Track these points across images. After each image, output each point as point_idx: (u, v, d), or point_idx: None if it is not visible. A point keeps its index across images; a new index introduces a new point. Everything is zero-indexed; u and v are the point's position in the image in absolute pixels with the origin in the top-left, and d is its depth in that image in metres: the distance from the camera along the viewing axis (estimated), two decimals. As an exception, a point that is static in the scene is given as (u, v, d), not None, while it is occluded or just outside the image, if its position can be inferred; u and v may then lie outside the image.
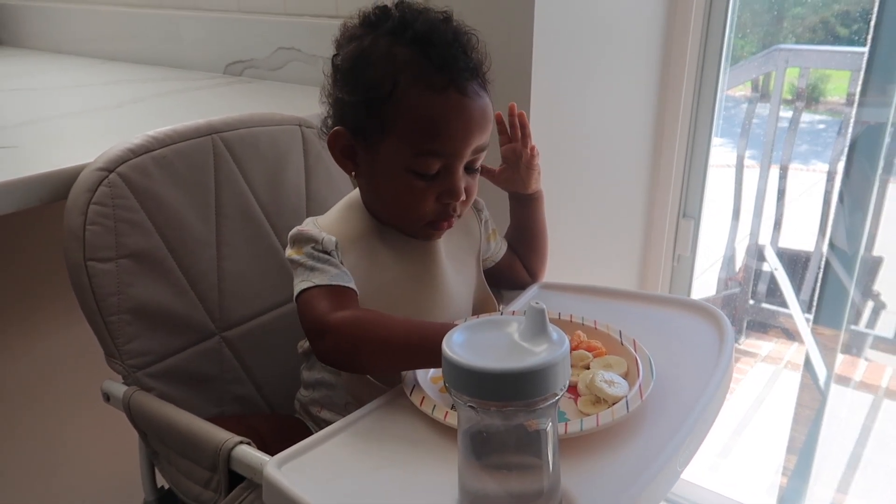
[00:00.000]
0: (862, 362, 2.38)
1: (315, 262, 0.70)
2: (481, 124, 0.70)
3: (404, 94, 0.68)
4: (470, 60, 0.70)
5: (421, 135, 0.68)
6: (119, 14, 1.52)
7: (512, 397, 0.45)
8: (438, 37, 0.69)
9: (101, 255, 0.72)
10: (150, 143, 0.78)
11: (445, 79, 0.68)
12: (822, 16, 2.74)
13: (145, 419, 0.71)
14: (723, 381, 0.66)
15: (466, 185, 0.73)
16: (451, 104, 0.68)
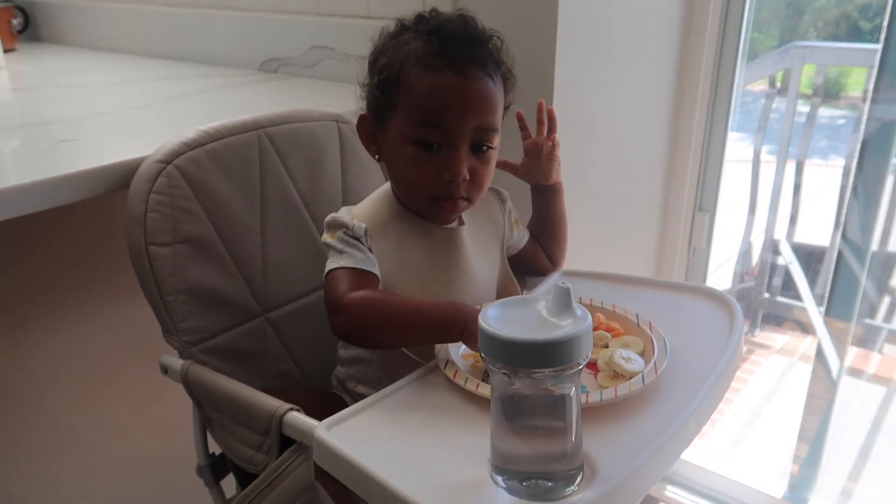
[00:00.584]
0: (875, 355, 2.41)
1: (344, 247, 0.77)
2: (479, 104, 0.75)
3: (408, 74, 0.75)
4: (477, 50, 0.76)
5: (420, 108, 0.75)
6: (157, 13, 1.59)
7: (541, 364, 0.51)
8: (447, 29, 0.76)
9: (160, 239, 0.79)
10: (203, 137, 0.84)
11: (445, 61, 0.74)
12: (843, 9, 2.75)
13: (201, 389, 0.78)
14: (732, 360, 0.72)
15: (473, 167, 0.77)
16: (447, 82, 0.74)
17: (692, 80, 1.40)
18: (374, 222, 0.80)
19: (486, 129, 0.77)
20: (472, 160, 0.77)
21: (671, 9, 1.30)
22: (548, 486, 0.56)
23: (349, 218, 0.79)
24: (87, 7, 1.75)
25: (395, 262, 0.79)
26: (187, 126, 0.86)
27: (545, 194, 0.93)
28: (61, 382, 1.10)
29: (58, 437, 1.11)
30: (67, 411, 1.11)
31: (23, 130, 0.98)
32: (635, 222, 1.42)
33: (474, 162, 0.77)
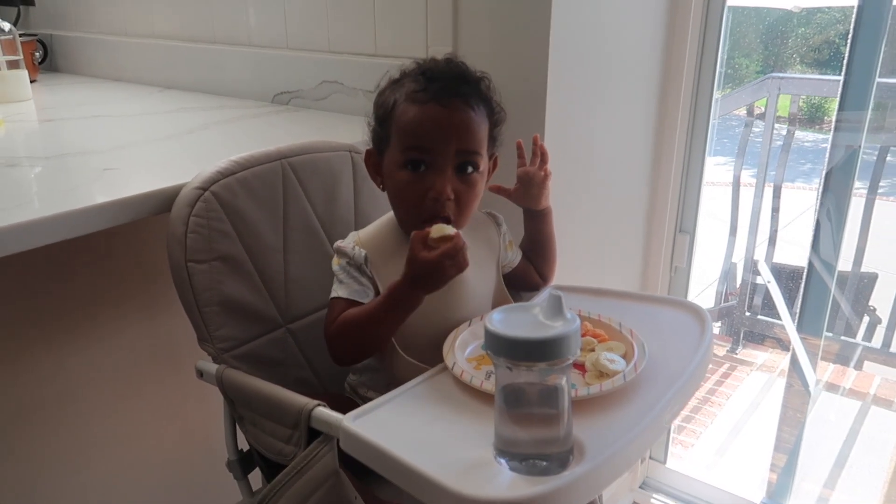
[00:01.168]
0: (851, 371, 2.53)
1: (344, 276, 0.90)
2: (460, 130, 0.86)
3: (398, 108, 0.88)
4: (460, 86, 0.87)
5: (407, 135, 0.87)
6: (172, 47, 1.70)
7: (537, 359, 0.62)
8: (434, 69, 0.90)
9: (198, 257, 0.89)
10: (234, 166, 0.95)
11: (429, 95, 0.86)
12: (825, 36, 2.90)
13: (235, 389, 0.88)
14: (702, 362, 0.82)
15: (457, 188, 0.86)
16: (430, 112, 0.85)
17: (672, 108, 1.52)
18: (377, 246, 0.91)
19: (468, 152, 0.87)
20: (457, 182, 0.87)
21: (653, 42, 1.42)
22: (543, 465, 0.66)
23: (351, 247, 0.91)
24: (105, 40, 1.86)
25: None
26: (212, 155, 0.97)
27: (536, 217, 1.04)
28: (91, 391, 1.19)
29: (87, 443, 1.20)
30: (97, 418, 1.20)
31: (66, 160, 1.08)
32: (621, 242, 1.54)
33: (458, 184, 0.87)
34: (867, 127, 1.55)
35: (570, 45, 1.19)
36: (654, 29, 1.41)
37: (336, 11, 1.39)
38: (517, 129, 1.20)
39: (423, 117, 0.86)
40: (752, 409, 2.52)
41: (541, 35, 1.15)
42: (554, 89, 1.18)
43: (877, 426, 2.34)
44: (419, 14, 1.26)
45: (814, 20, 3.20)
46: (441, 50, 1.25)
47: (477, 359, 0.85)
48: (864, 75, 1.50)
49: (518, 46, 1.18)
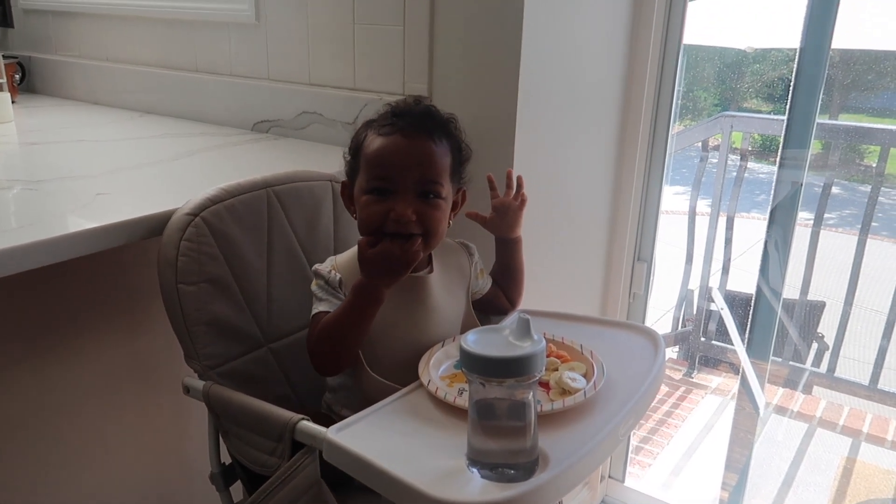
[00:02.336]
0: (798, 394, 2.65)
1: (323, 294, 0.96)
2: (421, 160, 0.92)
3: (367, 140, 0.95)
4: (424, 121, 0.95)
5: (372, 164, 0.94)
6: (155, 74, 1.75)
7: (508, 375, 0.69)
8: (404, 107, 0.98)
9: (189, 279, 0.94)
10: (223, 194, 1.01)
11: (393, 128, 0.94)
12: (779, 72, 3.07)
13: (221, 404, 0.92)
14: (655, 380, 0.90)
15: (420, 210, 0.91)
16: (393, 143, 0.92)
17: (631, 141, 1.61)
18: (350, 270, 0.97)
19: (429, 180, 0.93)
20: (419, 204, 0.92)
21: (613, 79, 1.51)
22: (511, 472, 0.73)
23: (327, 270, 0.97)
24: (86, 64, 1.90)
25: None
26: (199, 181, 1.03)
27: (508, 246, 1.12)
28: (73, 409, 1.22)
29: (69, 459, 1.22)
30: (78, 435, 1.23)
31: (58, 183, 1.13)
32: (583, 270, 1.62)
33: (421, 205, 0.92)
34: (809, 164, 1.67)
35: (538, 82, 1.28)
36: (614, 67, 1.51)
37: (317, 46, 1.46)
38: (488, 161, 1.28)
39: (387, 148, 0.92)
40: (706, 431, 2.62)
41: (510, 75, 1.23)
42: (522, 124, 1.26)
43: (822, 447, 2.45)
44: (397, 51, 1.34)
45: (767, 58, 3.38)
46: (417, 87, 1.33)
47: (450, 377, 0.92)
48: (805, 116, 1.63)
49: (489, 84, 1.26)
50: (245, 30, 1.57)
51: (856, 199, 3.80)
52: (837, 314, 2.65)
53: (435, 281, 1.02)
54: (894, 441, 2.48)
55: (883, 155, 2.39)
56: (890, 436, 2.50)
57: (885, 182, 2.49)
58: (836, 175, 2.56)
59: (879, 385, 2.56)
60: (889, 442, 2.48)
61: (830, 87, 1.63)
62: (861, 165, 3.15)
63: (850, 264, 2.49)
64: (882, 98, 2.79)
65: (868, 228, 2.44)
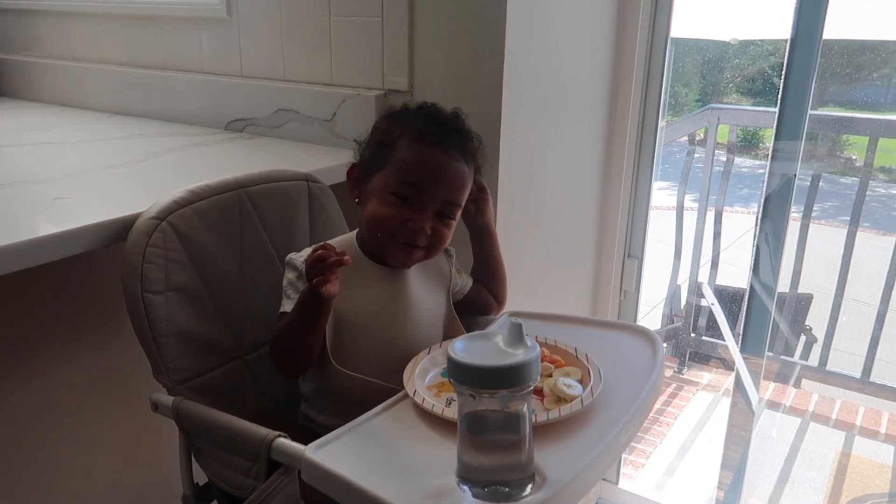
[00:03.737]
0: (791, 389, 2.62)
1: (291, 291, 0.92)
2: (453, 180, 0.92)
3: (404, 141, 0.92)
4: (462, 140, 0.93)
5: (406, 169, 0.91)
6: (124, 73, 1.68)
7: (500, 386, 0.63)
8: (442, 117, 0.96)
9: (155, 288, 0.88)
10: (191, 196, 0.94)
11: (435, 138, 0.92)
12: (759, 67, 3.05)
13: (192, 422, 0.86)
14: (655, 385, 0.85)
15: (435, 227, 0.92)
16: (432, 155, 0.91)
17: (619, 136, 1.57)
18: None
19: (453, 203, 0.93)
20: (436, 222, 0.92)
21: (601, 72, 1.47)
22: (505, 491, 0.67)
23: (301, 260, 0.92)
24: (52, 65, 1.82)
25: (346, 298, 0.91)
26: (167, 183, 0.97)
27: (484, 240, 1.08)
28: (40, 425, 1.15)
29: (38, 478, 1.16)
30: (46, 452, 1.16)
31: (15, 188, 1.06)
32: (573, 268, 1.57)
33: (437, 224, 0.92)
34: (801, 156, 1.63)
35: (523, 76, 1.23)
36: (601, 60, 1.46)
37: (291, 41, 1.40)
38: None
39: (426, 159, 0.91)
40: (698, 429, 2.58)
41: (494, 67, 1.18)
42: (508, 119, 1.21)
43: (816, 442, 2.42)
44: (375, 45, 1.28)
45: (748, 52, 3.35)
46: (397, 81, 1.27)
47: (437, 386, 0.86)
48: (798, 107, 1.59)
49: (472, 78, 1.21)
50: (216, 25, 1.50)
51: (836, 191, 3.80)
52: (825, 307, 2.63)
53: (413, 275, 0.99)
54: (888, 434, 2.45)
55: (871, 145, 2.36)
56: (883, 429, 2.48)
57: (874, 174, 2.47)
58: (822, 167, 2.54)
59: (871, 377, 2.53)
60: (882, 435, 2.46)
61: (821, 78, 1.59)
62: (841, 157, 3.13)
63: (835, 256, 2.46)
64: (861, 91, 2.77)
65: (858, 220, 2.42)
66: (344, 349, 0.92)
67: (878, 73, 2.68)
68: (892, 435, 2.44)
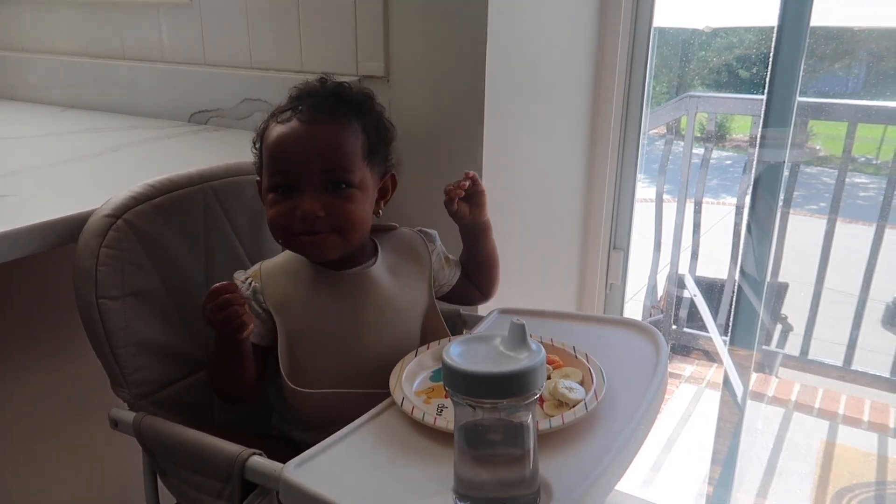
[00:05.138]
0: (773, 379, 2.61)
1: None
2: (322, 146, 0.82)
3: (267, 130, 0.85)
4: (327, 100, 0.84)
5: (270, 159, 0.84)
6: (78, 63, 1.58)
7: (502, 395, 0.57)
8: (307, 89, 0.87)
9: (110, 293, 0.80)
10: (150, 191, 0.86)
11: (291, 113, 0.84)
12: (724, 59, 3.03)
13: (156, 440, 0.78)
14: (661, 384, 0.79)
15: (330, 203, 0.81)
16: (290, 131, 0.82)
17: (604, 127, 1.52)
18: (280, 277, 0.86)
19: (334, 169, 0.82)
20: (329, 199, 0.82)
21: (584, 61, 1.42)
22: (509, 509, 0.61)
23: (242, 279, 0.86)
24: (1, 57, 1.71)
25: (300, 310, 0.85)
26: (124, 179, 0.89)
27: (478, 232, 0.98)
28: (3, 440, 1.06)
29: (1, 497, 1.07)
30: (10, 469, 1.08)
31: (-47, 186, 0.96)
32: (558, 261, 1.52)
33: (331, 199, 0.82)
34: (790, 143, 1.59)
35: (507, 63, 1.16)
36: (584, 48, 1.41)
37: (257, 25, 1.32)
38: (454, 148, 1.17)
39: (284, 138, 0.82)
40: (683, 422, 2.55)
41: (476, 53, 1.11)
42: (491, 107, 1.14)
43: (801, 432, 2.41)
44: (348, 28, 1.20)
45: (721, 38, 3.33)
46: (372, 66, 1.20)
47: (426, 391, 0.79)
48: (786, 94, 1.55)
49: (453, 64, 1.14)
50: (176, 9, 1.41)
51: (802, 180, 3.82)
52: (801, 295, 2.62)
53: (379, 274, 0.89)
54: (871, 422, 2.45)
55: (850, 132, 2.34)
56: (866, 416, 2.47)
57: (852, 162, 2.45)
58: (794, 156, 2.52)
59: (853, 365, 2.53)
60: (866, 423, 2.45)
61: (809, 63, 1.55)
62: (807, 148, 3.13)
63: (811, 245, 2.45)
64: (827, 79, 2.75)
65: (837, 209, 2.40)
66: (300, 366, 0.84)
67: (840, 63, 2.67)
68: (875, 423, 2.44)
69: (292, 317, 0.84)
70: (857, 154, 2.53)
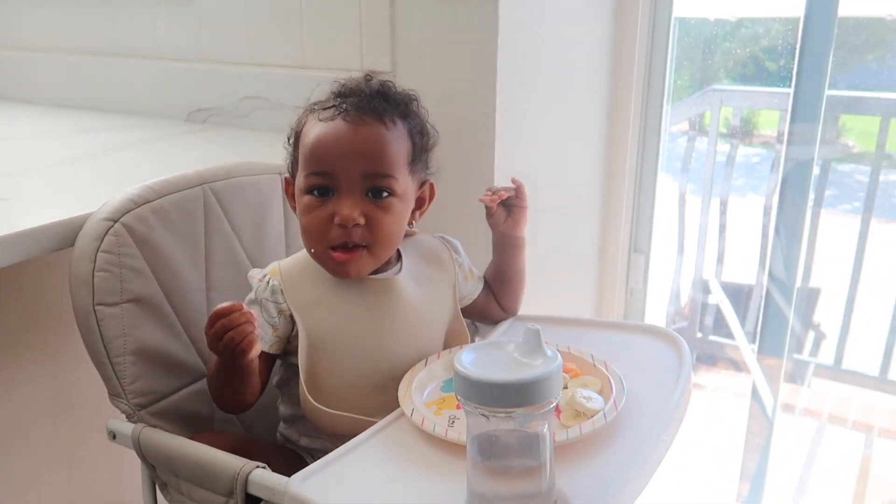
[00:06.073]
0: (805, 390, 2.60)
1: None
2: (368, 151, 0.81)
3: (306, 126, 0.85)
4: (372, 101, 0.83)
5: (310, 157, 0.82)
6: (70, 62, 1.61)
7: (518, 404, 0.58)
8: (350, 86, 0.86)
9: (108, 299, 0.82)
10: (148, 193, 0.88)
11: (335, 111, 0.83)
12: (750, 51, 3.03)
13: (156, 453, 0.80)
14: (685, 392, 0.80)
15: (369, 212, 0.81)
16: (334, 130, 0.81)
17: (622, 123, 1.53)
18: (299, 277, 0.86)
19: (378, 174, 0.82)
20: (369, 206, 0.82)
21: (600, 53, 1.43)
22: (524, 523, 0.62)
23: (260, 277, 0.86)
24: (-10, 55, 1.74)
25: (323, 316, 0.85)
26: (121, 181, 0.91)
27: (510, 246, 0.99)
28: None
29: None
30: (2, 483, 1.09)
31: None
32: (575, 264, 1.53)
33: (371, 207, 0.82)
34: (819, 139, 1.59)
35: (519, 56, 1.17)
36: (601, 40, 1.42)
37: (257, 19, 1.34)
38: (466, 147, 1.18)
39: (327, 137, 0.82)
40: (710, 436, 2.54)
41: (487, 47, 1.12)
42: (503, 104, 1.16)
43: (834, 447, 2.40)
44: (352, 22, 1.22)
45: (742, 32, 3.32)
46: (378, 62, 1.21)
47: (437, 402, 0.80)
48: (814, 87, 1.55)
49: (463, 58, 1.15)
50: (172, 4, 1.44)
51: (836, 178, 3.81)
52: (834, 301, 2.60)
53: (405, 283, 0.89)
54: (910, 435, 2.43)
55: (884, 126, 2.34)
56: (905, 429, 2.46)
57: (887, 159, 2.45)
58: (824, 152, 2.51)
59: (890, 376, 2.51)
60: (904, 436, 2.43)
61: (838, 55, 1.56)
62: (838, 144, 3.11)
63: (844, 247, 2.43)
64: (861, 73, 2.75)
65: (872, 208, 2.39)
66: (320, 378, 0.84)
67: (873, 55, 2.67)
68: (914, 436, 2.42)
69: (316, 320, 0.84)
70: (891, 150, 2.52)
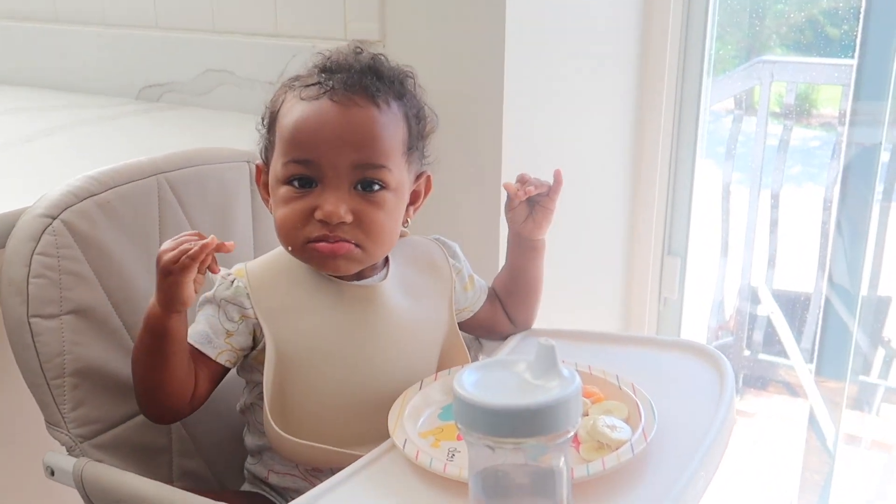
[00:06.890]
0: (873, 418, 2.60)
1: (201, 311, 0.87)
2: (359, 137, 0.82)
3: (284, 105, 0.85)
4: (364, 77, 0.84)
5: (290, 142, 0.83)
6: (1, 28, 1.62)
7: (527, 433, 0.58)
8: (338, 59, 0.86)
9: (46, 310, 0.83)
10: (92, 185, 0.90)
11: (321, 88, 0.83)
12: (808, 13, 3.03)
13: (103, 492, 0.81)
14: (726, 421, 0.81)
15: (358, 209, 0.82)
16: (318, 112, 0.82)
17: (654, 102, 1.54)
18: (269, 277, 0.88)
19: (370, 165, 0.83)
20: (357, 201, 0.83)
21: (627, 23, 1.44)
22: (536, 574, 0.63)
23: (219, 277, 0.86)
24: None
25: (296, 323, 0.86)
26: (61, 169, 0.93)
27: (528, 249, 1.00)
28: None
29: None
30: None
31: None
32: (599, 269, 1.54)
33: (360, 202, 0.83)
34: (887, 120, 1.60)
35: (531, 19, 1.19)
36: (627, 8, 1.43)
37: (222, -21, 1.36)
38: (467, 128, 1.19)
39: (310, 119, 0.82)
40: (760, 471, 2.55)
41: (493, 11, 1.14)
42: (511, 81, 1.17)
43: (908, 485, 2.40)
44: (334, -19, 1.24)
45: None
46: (365, 28, 1.23)
47: (434, 432, 0.82)
48: (881, 59, 1.56)
49: (464, 25, 1.17)
50: (121, -39, 1.46)
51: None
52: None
53: (391, 291, 0.90)
54: None
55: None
56: None
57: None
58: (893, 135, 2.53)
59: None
60: None
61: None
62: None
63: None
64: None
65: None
66: (289, 400, 0.85)
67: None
68: None
69: (287, 331, 0.85)
70: (976, 133, 2.54)
